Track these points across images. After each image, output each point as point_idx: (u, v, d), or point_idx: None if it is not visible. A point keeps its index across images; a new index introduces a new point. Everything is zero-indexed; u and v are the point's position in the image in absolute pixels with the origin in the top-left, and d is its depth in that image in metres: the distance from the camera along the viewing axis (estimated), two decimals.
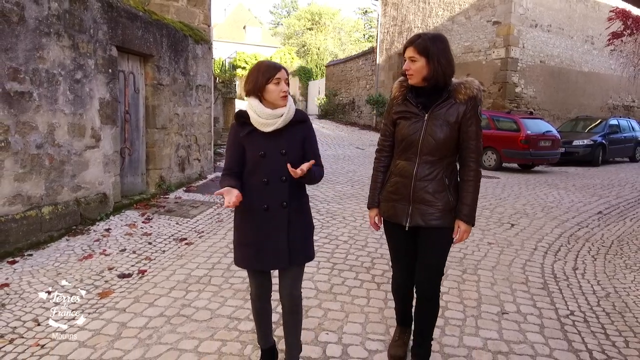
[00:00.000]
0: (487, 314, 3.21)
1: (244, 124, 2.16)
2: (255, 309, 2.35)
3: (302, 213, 2.25)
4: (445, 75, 2.18)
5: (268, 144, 2.12)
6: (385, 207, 2.36)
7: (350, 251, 4.42)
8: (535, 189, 8.40)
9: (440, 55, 2.15)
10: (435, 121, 2.19)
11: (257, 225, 2.17)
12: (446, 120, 2.19)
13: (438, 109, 2.20)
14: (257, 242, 2.17)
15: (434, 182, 2.22)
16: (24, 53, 4.13)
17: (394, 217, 2.31)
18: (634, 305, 3.48)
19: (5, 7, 3.94)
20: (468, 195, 2.23)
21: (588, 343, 2.89)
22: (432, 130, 2.19)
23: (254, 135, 2.13)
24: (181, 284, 3.61)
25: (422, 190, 2.23)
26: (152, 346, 2.71)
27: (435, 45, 2.17)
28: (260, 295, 2.31)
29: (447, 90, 2.21)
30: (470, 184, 2.24)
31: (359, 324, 3.01)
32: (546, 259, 4.47)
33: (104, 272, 3.85)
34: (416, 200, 2.24)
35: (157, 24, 6.35)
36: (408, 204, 2.26)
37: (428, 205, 2.22)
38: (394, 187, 2.31)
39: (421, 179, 2.23)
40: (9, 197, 4.04)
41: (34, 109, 4.26)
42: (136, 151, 6.21)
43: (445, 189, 2.23)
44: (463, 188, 2.25)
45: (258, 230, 2.17)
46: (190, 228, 5.14)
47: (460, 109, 2.20)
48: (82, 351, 2.66)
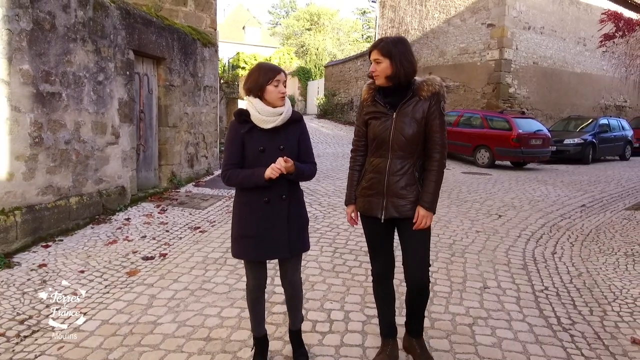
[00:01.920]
0: (470, 289, 3.66)
1: (245, 121, 2.30)
2: (250, 300, 2.47)
3: (298, 206, 2.42)
4: (407, 74, 2.31)
5: (267, 140, 2.29)
6: (361, 202, 2.46)
7: (350, 238, 4.86)
8: (525, 184, 8.85)
9: (402, 57, 2.28)
10: (404, 119, 2.33)
11: (259, 217, 2.31)
12: (413, 117, 2.32)
13: (405, 107, 2.34)
14: (258, 233, 2.30)
15: (405, 176, 2.35)
16: (54, 57, 4.56)
17: (370, 211, 2.42)
18: (602, 282, 3.92)
19: (40, 16, 4.37)
20: (431, 184, 2.35)
21: (557, 311, 3.34)
22: (401, 127, 2.32)
23: (254, 132, 2.29)
24: (200, 264, 4.04)
25: (394, 185, 2.35)
26: (181, 312, 3.15)
27: (397, 47, 2.30)
28: (258, 286, 2.44)
29: (411, 89, 2.35)
30: (433, 173, 2.36)
31: (359, 295, 3.45)
32: (528, 244, 4.92)
33: (129, 255, 4.28)
34: (389, 193, 2.36)
35: (168, 29, 6.78)
36: (382, 197, 2.38)
37: (400, 198, 2.35)
38: (369, 183, 2.42)
39: (393, 174, 2.35)
40: (42, 188, 4.47)
41: (63, 108, 4.69)
42: (150, 148, 6.64)
43: (415, 182, 2.36)
44: (426, 177, 2.37)
45: (259, 222, 2.30)
46: (202, 218, 5.58)
47: (424, 105, 2.33)
48: (120, 316, 3.10)
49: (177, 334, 2.86)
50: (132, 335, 2.86)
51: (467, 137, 11.99)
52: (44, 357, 2.62)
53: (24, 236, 4.19)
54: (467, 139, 11.97)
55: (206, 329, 2.93)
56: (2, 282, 3.55)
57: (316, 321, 3.04)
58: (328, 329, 2.95)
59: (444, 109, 2.38)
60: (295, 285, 2.50)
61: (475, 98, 15.91)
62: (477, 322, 3.11)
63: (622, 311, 3.38)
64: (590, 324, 3.18)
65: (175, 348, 2.70)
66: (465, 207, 6.49)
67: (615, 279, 3.99)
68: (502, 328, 3.04)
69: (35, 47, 4.32)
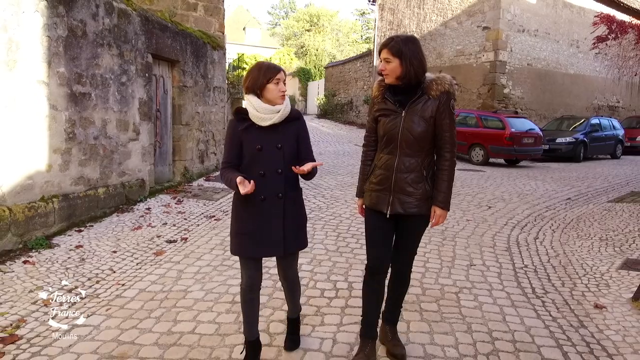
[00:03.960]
0: (459, 266, 4.16)
1: (243, 119, 2.32)
2: (244, 300, 2.43)
3: (296, 204, 2.44)
4: (417, 74, 2.32)
5: (265, 139, 2.30)
6: (369, 197, 2.50)
7: (352, 225, 5.35)
8: (516, 180, 9.36)
9: (412, 56, 2.30)
10: (412, 117, 2.35)
11: (255, 214, 2.33)
12: (422, 115, 2.34)
13: (414, 105, 2.36)
14: (254, 230, 2.33)
15: (412, 173, 2.38)
16: (85, 61, 5.05)
17: (376, 205, 2.45)
18: (576, 261, 4.43)
19: (73, 24, 4.86)
20: (443, 183, 2.39)
21: (533, 283, 3.84)
22: (410, 125, 2.35)
23: (252, 130, 2.30)
24: (219, 246, 4.54)
25: (402, 181, 2.38)
26: (207, 283, 3.65)
27: (408, 46, 2.31)
28: (252, 285, 2.41)
29: (420, 88, 2.36)
30: (445, 172, 2.40)
31: (360, 270, 3.93)
32: (513, 231, 5.42)
33: (154, 239, 4.78)
34: (397, 190, 2.39)
35: (182, 34, 7.27)
36: (389, 193, 2.41)
37: (407, 195, 2.38)
38: (378, 179, 2.46)
39: (401, 171, 2.38)
40: (75, 179, 4.96)
41: (92, 106, 5.18)
42: (165, 144, 7.13)
43: (423, 180, 2.38)
44: (439, 177, 2.40)
45: (255, 219, 2.33)
46: (216, 208, 6.07)
47: (434, 104, 2.34)
48: (155, 286, 3.59)
49: (205, 299, 3.36)
50: (167, 300, 3.35)
51: (463, 136, 12.45)
52: (94, 317, 3.10)
53: (60, 221, 4.68)
54: (463, 138, 12.43)
55: (230, 295, 3.42)
56: (47, 260, 4.04)
57: (324, 289, 3.54)
58: (334, 295, 3.45)
59: (453, 107, 2.39)
60: (290, 280, 2.56)
61: (471, 98, 16.42)
62: (462, 291, 3.61)
63: (589, 284, 3.88)
64: (560, 293, 3.68)
65: (206, 309, 3.20)
66: (458, 199, 6.98)
67: (587, 259, 4.49)
68: (484, 295, 3.54)
69: (70, 52, 4.81)
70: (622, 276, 4.00)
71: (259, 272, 2.44)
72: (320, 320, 3.05)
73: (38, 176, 4.45)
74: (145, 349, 2.69)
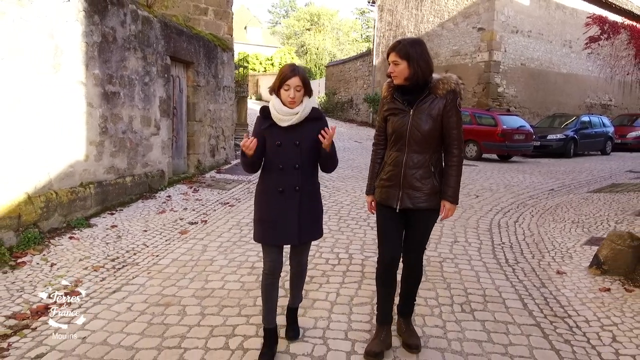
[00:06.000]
0: (444, 242, 4.81)
1: (266, 117, 2.52)
2: (265, 285, 2.58)
3: (313, 197, 2.60)
4: (424, 74, 2.44)
5: (284, 136, 2.47)
6: (379, 192, 2.62)
7: (352, 210, 6.00)
8: (505, 173, 10.00)
9: (419, 58, 2.41)
10: (420, 115, 2.46)
11: (274, 204, 2.52)
12: (429, 114, 2.45)
13: (421, 104, 2.47)
14: (272, 219, 2.50)
15: (421, 169, 2.48)
16: (115, 63, 5.69)
17: (386, 201, 2.57)
18: (547, 240, 5.07)
19: (105, 31, 5.49)
20: (452, 178, 2.50)
21: (507, 256, 4.49)
22: (418, 123, 2.46)
23: (273, 128, 2.49)
24: (236, 227, 5.18)
25: (411, 177, 2.48)
26: (229, 254, 4.29)
27: (414, 49, 2.43)
28: (273, 269, 2.56)
29: (427, 87, 2.47)
30: (453, 168, 2.51)
31: (359, 245, 4.60)
32: (496, 216, 6.07)
33: (177, 221, 5.42)
34: (406, 185, 2.50)
35: (196, 37, 7.90)
36: (399, 189, 2.51)
37: (416, 190, 2.48)
38: (388, 175, 2.57)
39: (410, 167, 2.48)
40: (107, 168, 5.60)
41: (121, 104, 5.82)
42: (180, 139, 7.77)
43: (431, 175, 2.49)
44: (447, 172, 2.51)
45: (274, 209, 2.51)
46: (229, 196, 6.72)
47: (440, 103, 2.45)
48: (184, 257, 4.24)
49: (229, 265, 4.01)
50: (197, 266, 4.00)
51: None
52: (138, 278, 3.74)
53: (95, 205, 5.32)
54: None
55: (250, 262, 4.07)
56: (88, 237, 4.68)
57: (328, 259, 4.19)
58: (337, 263, 4.10)
59: (459, 105, 2.50)
60: (301, 263, 2.72)
61: (467, 97, 17.03)
62: (445, 260, 4.26)
63: (556, 256, 4.52)
64: (529, 263, 4.33)
65: (231, 272, 3.85)
66: None
67: (558, 237, 5.13)
68: (463, 264, 4.19)
69: (103, 56, 5.44)
70: (584, 250, 4.64)
71: (280, 257, 2.58)
72: (326, 280, 3.71)
73: (77, 165, 5.09)
74: (185, 299, 3.34)
